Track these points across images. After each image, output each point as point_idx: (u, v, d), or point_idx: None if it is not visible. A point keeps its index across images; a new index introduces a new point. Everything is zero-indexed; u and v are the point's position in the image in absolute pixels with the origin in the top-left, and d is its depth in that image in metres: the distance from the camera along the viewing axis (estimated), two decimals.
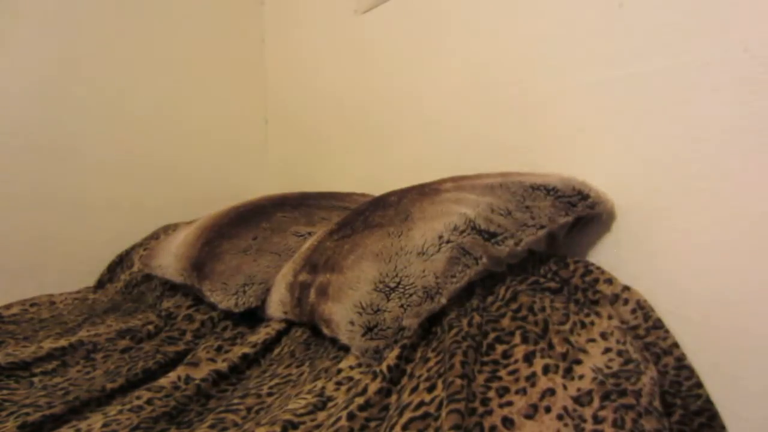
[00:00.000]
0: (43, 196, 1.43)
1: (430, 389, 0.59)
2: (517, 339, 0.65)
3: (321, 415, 0.62)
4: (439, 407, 0.56)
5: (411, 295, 0.71)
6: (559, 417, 0.54)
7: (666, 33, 0.76)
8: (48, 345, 0.91)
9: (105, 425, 0.65)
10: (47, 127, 1.44)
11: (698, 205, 0.71)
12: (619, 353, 0.63)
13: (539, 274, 0.79)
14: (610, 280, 0.75)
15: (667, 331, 0.71)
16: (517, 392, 0.57)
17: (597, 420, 0.54)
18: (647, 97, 0.78)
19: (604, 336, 0.65)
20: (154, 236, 1.43)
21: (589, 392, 0.57)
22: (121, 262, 1.41)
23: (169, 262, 1.10)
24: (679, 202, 0.74)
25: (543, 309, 0.70)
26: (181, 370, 0.78)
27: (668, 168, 0.75)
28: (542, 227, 0.77)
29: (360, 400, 0.61)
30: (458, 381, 0.57)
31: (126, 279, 1.30)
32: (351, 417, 0.59)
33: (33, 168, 1.42)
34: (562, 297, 0.74)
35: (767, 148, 0.65)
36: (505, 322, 0.69)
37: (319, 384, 0.69)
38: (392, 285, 0.73)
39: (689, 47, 0.72)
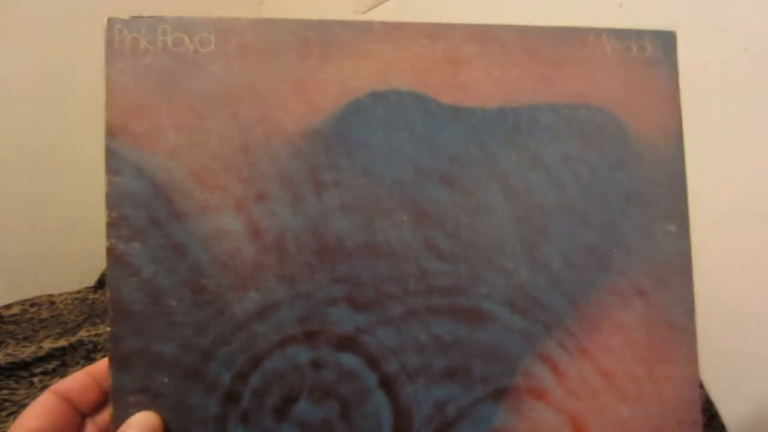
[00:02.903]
0: (43, 196, 1.37)
1: None
2: None
3: None
4: None
5: None
6: None
7: None
8: (48, 345, 0.90)
9: None
10: (48, 127, 1.37)
11: (698, 206, 0.72)
12: None
13: None
14: None
15: None
16: None
17: None
18: None
19: None
20: None
21: None
22: None
23: None
24: None
25: None
26: None
27: None
28: None
29: None
30: None
31: None
32: None
33: (33, 168, 1.36)
34: None
35: (766, 149, 0.64)
36: None
37: None
38: None
39: (689, 47, 0.73)
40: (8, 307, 1.13)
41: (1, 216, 1.32)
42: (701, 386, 0.65)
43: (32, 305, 1.15)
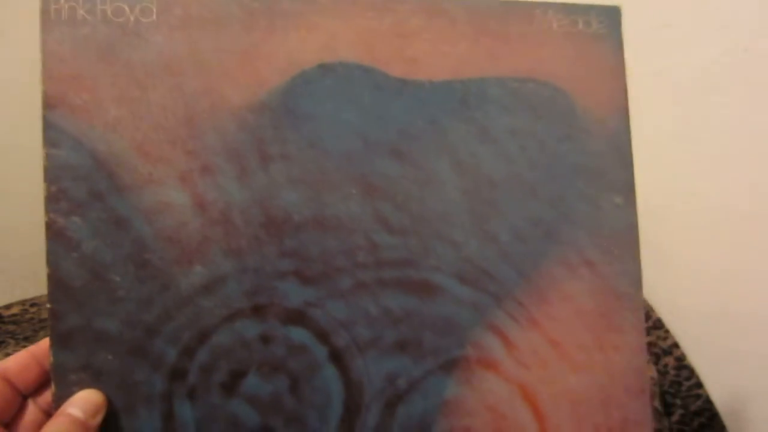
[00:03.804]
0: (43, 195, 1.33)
1: None
2: None
3: None
4: None
5: None
6: None
7: (665, 34, 0.72)
8: None
9: None
10: None
11: (697, 206, 0.70)
12: None
13: None
14: None
15: (667, 331, 0.71)
16: None
17: None
18: (646, 98, 0.75)
19: None
20: None
21: None
22: None
23: None
24: (679, 203, 0.71)
25: None
26: None
27: (667, 168, 0.72)
28: None
29: None
30: None
31: None
32: None
33: (33, 167, 1.32)
34: None
35: (767, 149, 0.64)
36: None
37: None
38: None
39: (689, 48, 0.70)
40: (8, 307, 1.09)
41: (1, 216, 1.27)
42: (701, 386, 0.66)
43: (32, 305, 1.12)
